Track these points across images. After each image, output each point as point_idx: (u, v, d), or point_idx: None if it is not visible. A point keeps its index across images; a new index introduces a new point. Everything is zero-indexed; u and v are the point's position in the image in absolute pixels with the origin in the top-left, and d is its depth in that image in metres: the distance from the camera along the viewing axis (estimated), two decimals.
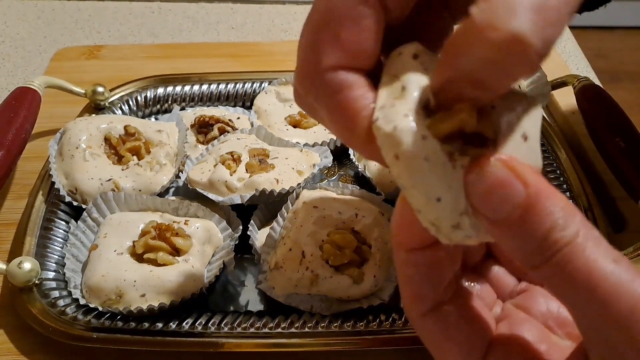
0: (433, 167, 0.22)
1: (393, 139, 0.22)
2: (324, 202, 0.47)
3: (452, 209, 0.22)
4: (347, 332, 0.43)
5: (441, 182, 0.22)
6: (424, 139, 0.22)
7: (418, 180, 0.22)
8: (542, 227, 0.21)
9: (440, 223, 0.23)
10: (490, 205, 0.22)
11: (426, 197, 0.22)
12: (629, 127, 0.55)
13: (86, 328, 0.43)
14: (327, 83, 0.24)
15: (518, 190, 0.22)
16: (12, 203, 0.56)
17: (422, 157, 0.22)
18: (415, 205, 0.23)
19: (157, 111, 0.66)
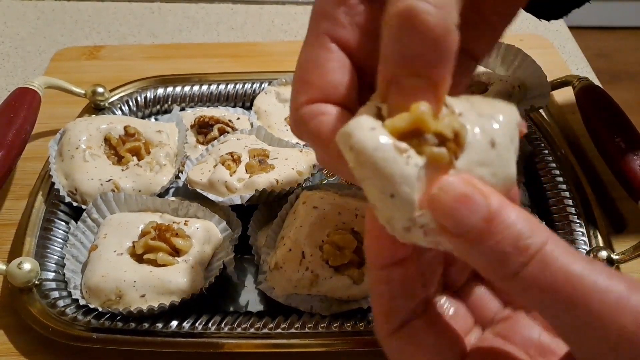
0: (383, 159, 0.22)
1: (345, 134, 0.23)
2: (324, 203, 0.47)
3: (404, 210, 0.22)
4: (347, 332, 0.43)
5: (392, 177, 0.22)
6: (372, 130, 0.22)
7: (369, 171, 0.22)
8: (510, 236, 0.21)
9: (393, 223, 0.23)
10: (454, 219, 0.22)
11: (379, 191, 0.22)
12: (629, 127, 0.55)
13: (86, 328, 0.43)
14: (301, 117, 0.26)
15: (481, 204, 0.22)
16: (12, 203, 0.56)
17: (371, 147, 0.22)
18: (371, 200, 0.23)
19: (157, 112, 0.66)
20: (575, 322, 0.21)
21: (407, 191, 0.22)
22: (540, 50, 0.75)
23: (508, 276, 0.21)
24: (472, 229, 0.22)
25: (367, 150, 0.22)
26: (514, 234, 0.21)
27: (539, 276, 0.21)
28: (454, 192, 0.22)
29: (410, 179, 0.22)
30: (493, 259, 0.22)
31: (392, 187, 0.22)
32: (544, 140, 0.60)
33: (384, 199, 0.22)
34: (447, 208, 0.22)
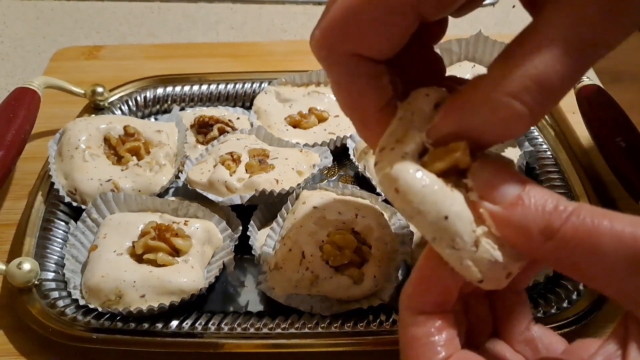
0: (430, 191, 0.24)
1: (391, 177, 0.25)
2: (324, 203, 0.47)
3: (463, 225, 0.24)
4: (348, 332, 0.43)
5: (443, 202, 0.24)
6: (418, 171, 0.25)
7: (419, 205, 0.24)
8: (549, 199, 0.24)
9: (459, 243, 0.24)
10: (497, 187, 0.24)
11: (433, 218, 0.24)
12: (629, 127, 0.55)
13: (86, 329, 0.43)
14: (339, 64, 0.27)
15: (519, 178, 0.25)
16: (11, 203, 0.56)
17: (419, 185, 0.24)
18: (428, 233, 0.25)
19: (157, 111, 0.66)
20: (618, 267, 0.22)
21: (459, 209, 0.24)
22: None
23: (551, 234, 0.23)
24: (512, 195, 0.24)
25: (415, 187, 0.24)
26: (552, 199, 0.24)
27: (579, 228, 0.23)
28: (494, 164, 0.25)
29: (459, 199, 0.25)
30: (535, 220, 0.23)
31: (444, 210, 0.24)
32: (544, 140, 0.60)
33: (439, 225, 0.24)
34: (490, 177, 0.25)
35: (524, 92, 0.23)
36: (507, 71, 0.23)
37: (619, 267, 0.22)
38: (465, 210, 0.24)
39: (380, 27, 0.25)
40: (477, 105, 0.24)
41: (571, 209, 0.23)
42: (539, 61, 0.23)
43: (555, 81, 0.23)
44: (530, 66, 0.23)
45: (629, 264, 0.22)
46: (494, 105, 0.23)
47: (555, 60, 0.23)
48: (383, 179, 0.25)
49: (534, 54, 0.23)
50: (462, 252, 0.24)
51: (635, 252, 0.21)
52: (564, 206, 0.23)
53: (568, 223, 0.23)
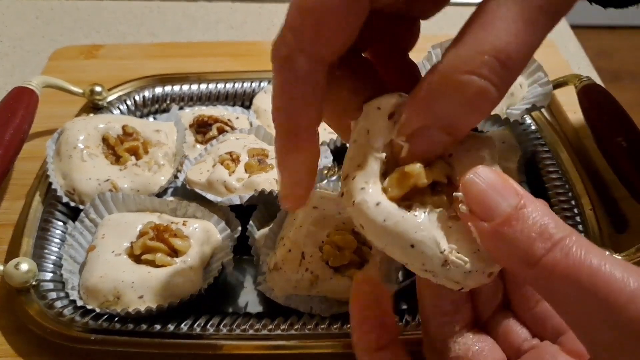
0: (392, 224, 0.25)
1: (355, 212, 0.26)
2: (324, 203, 0.47)
3: (430, 249, 0.25)
4: (348, 333, 0.43)
5: (406, 232, 0.25)
6: (378, 205, 0.25)
7: (385, 238, 0.25)
8: (536, 224, 0.23)
9: (430, 267, 0.25)
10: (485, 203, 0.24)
11: (400, 248, 0.25)
12: (631, 126, 0.55)
13: (84, 329, 0.43)
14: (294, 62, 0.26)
15: (511, 191, 0.24)
16: (9, 204, 0.56)
17: (380, 220, 0.25)
18: (401, 260, 0.26)
19: (156, 111, 0.66)
20: (590, 310, 0.22)
21: (423, 234, 0.25)
22: (542, 49, 0.73)
23: (531, 262, 0.23)
24: (502, 214, 0.23)
25: (377, 224, 0.25)
26: (541, 223, 0.23)
27: (560, 263, 0.22)
28: (487, 178, 0.24)
29: (423, 224, 0.25)
30: (519, 245, 0.23)
31: (408, 239, 0.25)
32: (545, 140, 0.60)
33: (407, 253, 0.25)
34: (481, 192, 0.24)
35: (483, 67, 0.23)
36: (462, 50, 0.23)
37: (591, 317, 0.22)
38: (429, 235, 0.25)
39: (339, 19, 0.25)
40: (439, 91, 0.24)
41: (557, 239, 0.22)
42: (493, 35, 0.23)
43: (513, 52, 0.23)
44: (485, 41, 0.23)
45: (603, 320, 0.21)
46: (456, 86, 0.23)
47: (509, 31, 0.22)
48: (351, 213, 0.26)
49: (487, 29, 0.23)
50: (435, 273, 0.25)
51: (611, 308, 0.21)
52: (549, 234, 0.23)
53: (549, 255, 0.22)
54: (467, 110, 0.24)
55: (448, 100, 0.24)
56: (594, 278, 0.21)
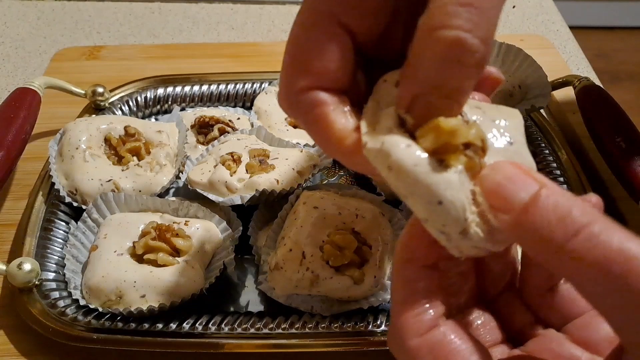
0: (424, 171, 0.23)
1: (382, 153, 0.24)
2: (324, 203, 0.47)
3: (456, 212, 0.23)
4: (348, 332, 0.43)
5: (437, 185, 0.23)
6: (408, 146, 0.24)
7: (413, 186, 0.23)
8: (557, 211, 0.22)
9: (448, 230, 0.24)
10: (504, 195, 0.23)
11: (426, 202, 0.23)
12: (629, 127, 0.55)
13: (86, 329, 0.43)
14: (300, 103, 0.26)
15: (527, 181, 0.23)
16: (12, 204, 0.56)
17: (411, 163, 0.23)
18: (421, 214, 0.24)
19: (157, 112, 0.66)
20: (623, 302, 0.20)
21: (453, 194, 0.23)
22: (541, 50, 0.75)
23: (555, 249, 0.21)
24: (520, 203, 0.22)
25: (408, 167, 0.23)
26: (563, 208, 0.22)
27: (587, 250, 0.21)
28: (504, 171, 0.23)
29: (454, 183, 0.23)
30: (541, 232, 0.22)
31: (438, 194, 0.23)
32: (544, 140, 0.60)
33: (432, 209, 0.23)
34: (498, 185, 0.23)
35: (454, 18, 0.22)
36: (430, 7, 0.22)
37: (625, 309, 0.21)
38: (459, 195, 0.23)
39: (317, 52, 0.25)
40: (419, 55, 0.23)
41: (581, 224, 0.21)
42: None
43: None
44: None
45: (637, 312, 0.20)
46: (430, 47, 0.22)
47: None
48: (376, 157, 0.24)
49: None
50: (450, 237, 0.24)
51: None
52: (572, 219, 0.21)
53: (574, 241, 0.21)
54: (451, 68, 0.23)
55: (428, 63, 0.23)
56: (626, 266, 0.20)
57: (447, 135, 0.23)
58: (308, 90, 0.26)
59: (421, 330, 0.25)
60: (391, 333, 0.27)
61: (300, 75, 0.26)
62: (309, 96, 0.26)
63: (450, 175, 0.23)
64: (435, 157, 0.23)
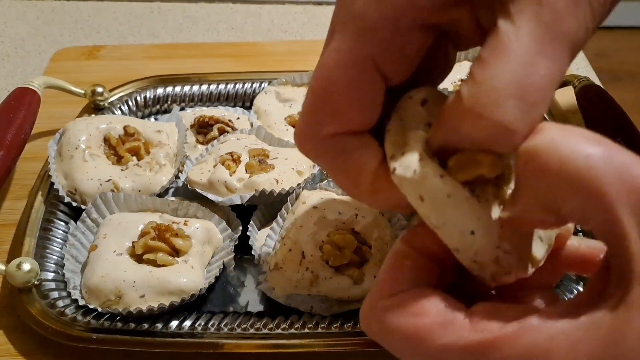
0: (457, 202, 0.23)
1: (414, 182, 0.24)
2: (324, 203, 0.47)
3: (488, 241, 0.23)
4: (348, 332, 0.43)
5: (469, 215, 0.23)
6: (442, 177, 0.23)
7: (446, 216, 0.23)
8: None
9: (481, 258, 0.24)
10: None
11: (459, 232, 0.23)
12: (629, 127, 0.55)
13: (85, 329, 0.43)
14: (328, 148, 0.26)
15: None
16: (11, 203, 0.56)
17: (444, 194, 0.23)
18: (452, 244, 0.24)
19: (157, 111, 0.66)
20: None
21: (487, 223, 0.23)
22: None
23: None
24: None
25: (441, 198, 0.23)
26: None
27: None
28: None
29: (486, 215, 0.23)
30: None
31: (470, 225, 0.23)
32: None
33: (464, 239, 0.23)
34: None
35: (504, 100, 0.21)
36: (481, 81, 0.21)
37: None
38: (492, 225, 0.23)
39: (351, 97, 0.24)
40: (459, 121, 0.22)
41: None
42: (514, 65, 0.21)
43: (536, 83, 0.21)
44: (506, 72, 0.21)
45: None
46: (474, 120, 0.21)
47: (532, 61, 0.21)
48: (408, 186, 0.24)
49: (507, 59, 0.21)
50: (482, 266, 0.24)
51: None
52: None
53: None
54: (491, 143, 0.22)
55: (469, 132, 0.22)
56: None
57: (487, 170, 0.23)
58: (335, 135, 0.25)
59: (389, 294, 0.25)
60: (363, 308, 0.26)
61: (329, 120, 0.25)
62: (337, 142, 0.25)
63: (480, 206, 0.24)
64: (468, 187, 0.24)
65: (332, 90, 0.25)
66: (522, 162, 0.22)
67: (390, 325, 0.24)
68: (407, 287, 0.24)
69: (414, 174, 0.24)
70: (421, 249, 0.25)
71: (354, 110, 0.25)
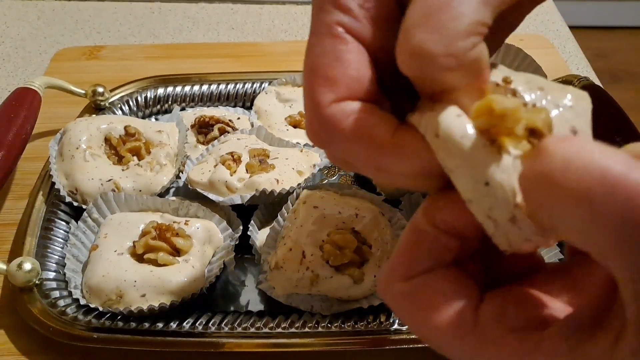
0: (471, 147, 0.21)
1: (432, 119, 0.22)
2: (324, 202, 0.47)
3: (505, 196, 0.21)
4: (348, 332, 0.43)
5: (485, 164, 0.21)
6: (459, 116, 0.22)
7: (459, 161, 0.21)
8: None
9: (495, 215, 0.21)
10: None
11: (472, 180, 0.21)
12: (629, 127, 0.55)
13: (87, 328, 0.43)
14: (332, 117, 0.25)
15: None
16: (12, 203, 0.56)
17: (459, 135, 0.21)
18: (465, 194, 0.22)
19: (158, 111, 0.66)
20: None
21: (503, 177, 0.21)
22: (541, 50, 0.75)
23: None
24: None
25: (455, 137, 0.21)
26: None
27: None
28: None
29: (506, 166, 0.21)
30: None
31: (485, 174, 0.21)
32: None
33: (478, 189, 0.21)
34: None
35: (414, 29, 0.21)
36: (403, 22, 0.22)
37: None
38: (510, 179, 0.21)
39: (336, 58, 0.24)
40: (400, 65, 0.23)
41: None
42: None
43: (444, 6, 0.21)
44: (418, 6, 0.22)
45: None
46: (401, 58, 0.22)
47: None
48: (426, 122, 0.22)
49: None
50: (497, 224, 0.21)
51: None
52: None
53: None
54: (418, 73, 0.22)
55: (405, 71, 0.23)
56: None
57: (498, 119, 0.21)
58: (336, 102, 0.24)
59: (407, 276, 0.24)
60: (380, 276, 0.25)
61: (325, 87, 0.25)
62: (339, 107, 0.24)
63: (502, 157, 0.21)
64: (487, 136, 0.21)
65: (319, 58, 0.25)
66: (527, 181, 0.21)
67: (404, 314, 0.25)
68: (424, 268, 0.24)
69: (432, 110, 0.22)
70: (442, 225, 0.24)
71: (343, 72, 0.25)
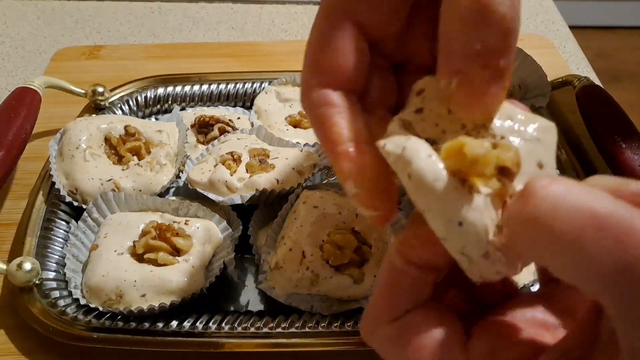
0: (444, 189, 0.21)
1: (402, 159, 0.22)
2: (324, 202, 0.47)
3: (477, 235, 0.22)
4: (348, 332, 0.43)
5: (457, 205, 0.21)
6: (430, 157, 0.22)
7: (431, 204, 0.22)
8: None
9: (469, 252, 0.22)
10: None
11: (446, 220, 0.22)
12: (629, 127, 0.55)
13: (86, 328, 0.43)
14: (310, 99, 0.26)
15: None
16: (12, 203, 0.56)
17: (429, 177, 0.22)
18: (440, 233, 0.22)
19: (157, 111, 0.66)
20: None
21: (476, 217, 0.21)
22: (541, 49, 0.75)
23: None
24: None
25: (427, 180, 0.22)
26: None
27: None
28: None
29: (478, 206, 0.21)
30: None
31: (458, 215, 0.21)
32: None
33: (451, 228, 0.22)
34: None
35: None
36: None
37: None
38: (482, 217, 0.21)
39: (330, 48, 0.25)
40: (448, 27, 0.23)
41: None
42: None
43: None
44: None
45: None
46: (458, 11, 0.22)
47: None
48: (396, 161, 0.23)
49: None
50: (471, 260, 0.22)
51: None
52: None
53: None
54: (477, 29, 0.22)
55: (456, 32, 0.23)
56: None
57: (469, 164, 0.21)
58: (318, 87, 0.26)
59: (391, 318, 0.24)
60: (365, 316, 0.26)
61: (313, 72, 0.26)
62: (318, 94, 0.26)
63: (474, 197, 0.22)
64: (458, 176, 0.22)
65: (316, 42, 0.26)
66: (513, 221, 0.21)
67: (394, 358, 0.25)
68: (407, 307, 0.24)
69: (403, 151, 0.22)
70: (418, 263, 0.24)
71: (331, 61, 0.25)
